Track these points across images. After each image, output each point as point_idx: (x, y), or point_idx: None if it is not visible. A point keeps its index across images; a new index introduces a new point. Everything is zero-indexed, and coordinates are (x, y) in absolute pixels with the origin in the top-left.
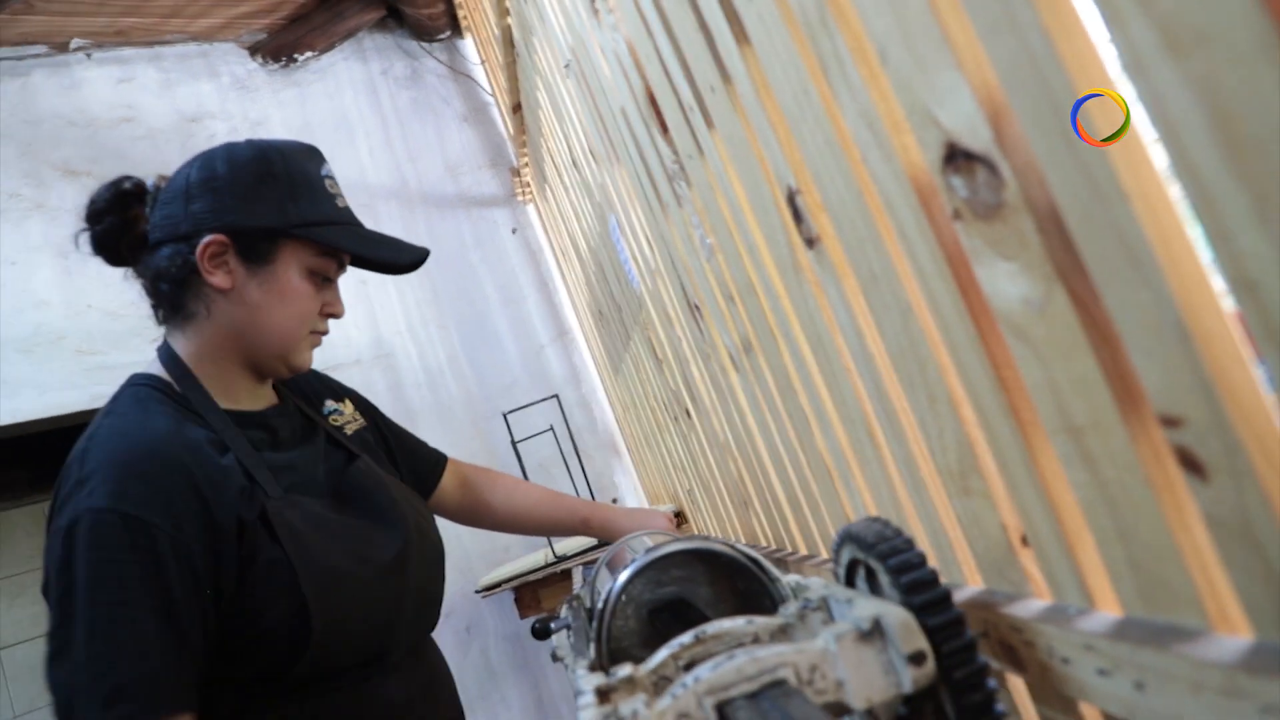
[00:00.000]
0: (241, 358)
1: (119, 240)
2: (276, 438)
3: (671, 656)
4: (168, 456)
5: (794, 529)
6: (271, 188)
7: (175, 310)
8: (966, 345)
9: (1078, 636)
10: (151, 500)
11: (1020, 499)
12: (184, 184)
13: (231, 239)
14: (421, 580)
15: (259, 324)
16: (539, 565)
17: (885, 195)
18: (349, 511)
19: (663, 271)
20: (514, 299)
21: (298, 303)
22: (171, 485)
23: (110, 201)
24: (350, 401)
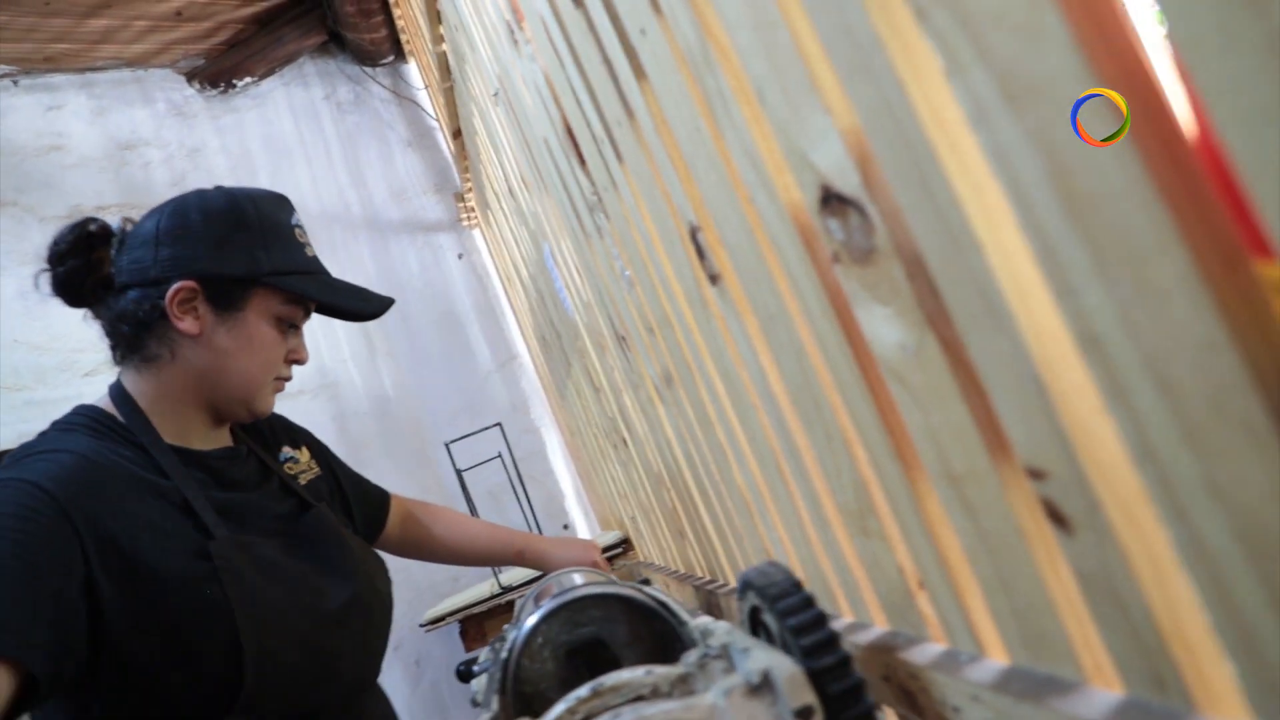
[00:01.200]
0: (202, 400)
1: (82, 282)
2: (222, 478)
3: (568, 711)
4: (98, 465)
5: (723, 561)
6: (244, 236)
7: (133, 351)
8: (853, 387)
9: (966, 686)
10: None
11: (912, 543)
12: (154, 230)
13: (201, 286)
14: (365, 634)
15: (225, 369)
16: (484, 597)
17: (772, 235)
18: (299, 556)
19: (593, 301)
20: (461, 324)
21: (265, 350)
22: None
23: (73, 244)
24: (307, 449)
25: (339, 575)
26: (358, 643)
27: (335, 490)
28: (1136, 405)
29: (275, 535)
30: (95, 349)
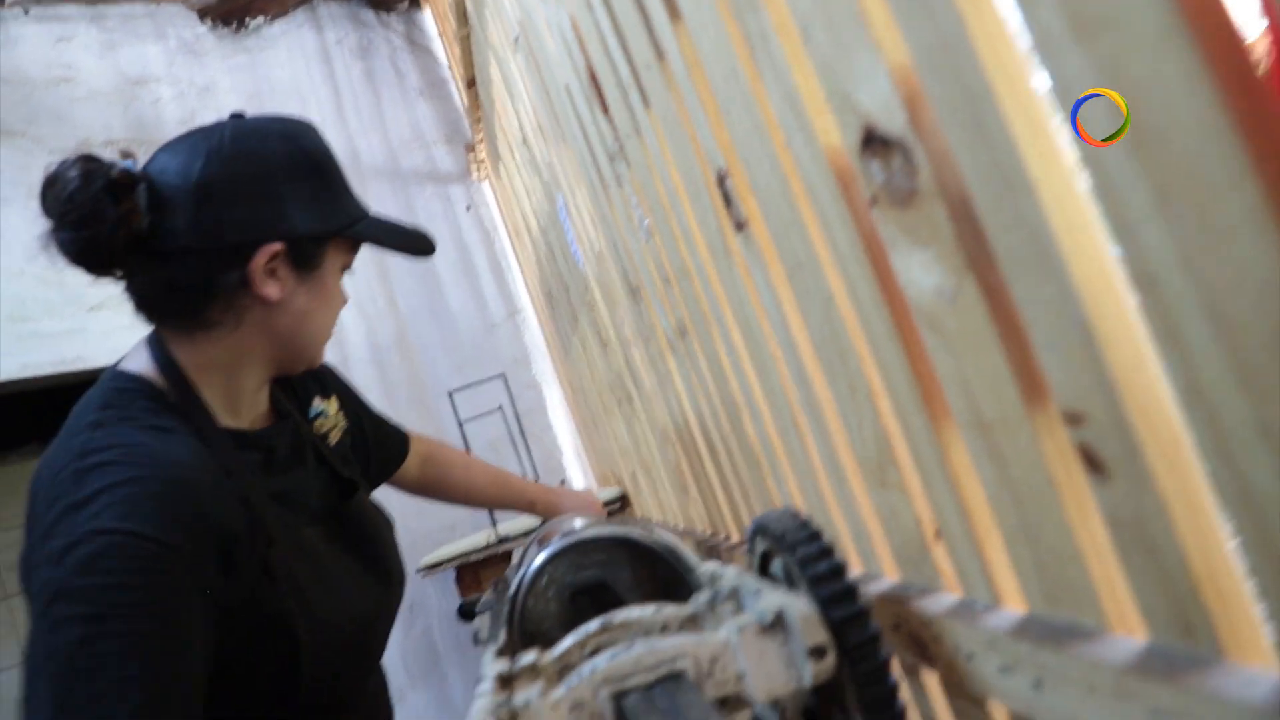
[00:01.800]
0: (263, 365)
1: (110, 245)
2: (273, 458)
3: (578, 644)
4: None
5: (727, 515)
6: (321, 181)
7: (189, 318)
8: (883, 335)
9: (981, 633)
10: (167, 522)
11: (933, 493)
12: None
13: (286, 246)
14: (390, 621)
15: (300, 331)
16: (481, 545)
17: (807, 179)
18: (339, 547)
19: (605, 253)
20: (467, 277)
21: (336, 304)
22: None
23: (94, 200)
24: (335, 398)
25: (374, 571)
26: (385, 631)
27: (359, 440)
28: (1189, 346)
29: (317, 521)
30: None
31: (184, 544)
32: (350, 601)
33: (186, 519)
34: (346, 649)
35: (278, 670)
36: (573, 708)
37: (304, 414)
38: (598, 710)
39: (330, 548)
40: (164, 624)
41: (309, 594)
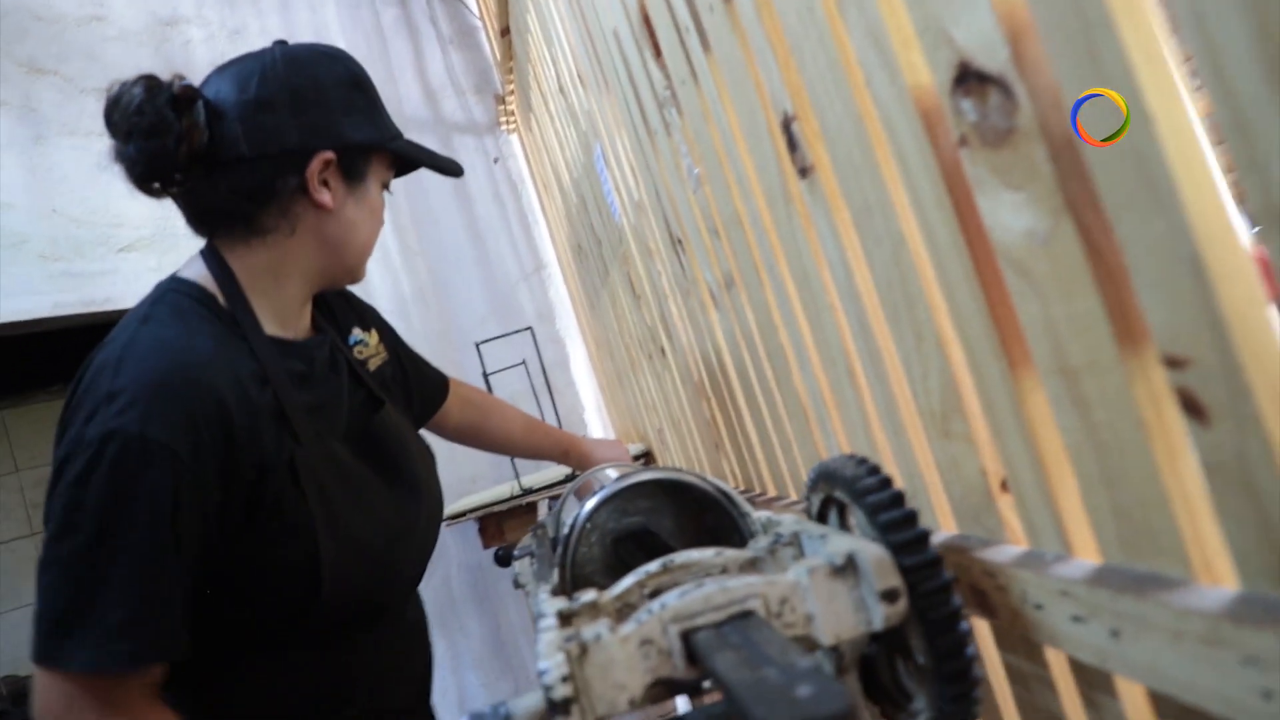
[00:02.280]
0: (313, 274)
1: (173, 158)
2: (312, 371)
3: (637, 584)
4: (205, 386)
5: (764, 470)
6: (366, 101)
7: (244, 225)
8: (960, 281)
9: (1053, 582)
10: (180, 427)
11: (1003, 443)
12: (281, 92)
13: (338, 155)
14: (423, 541)
15: (349, 241)
16: (505, 497)
17: (887, 120)
18: (369, 461)
19: (646, 203)
20: (492, 230)
21: (379, 217)
22: (202, 417)
23: (158, 114)
24: (375, 332)
25: (405, 485)
26: (417, 549)
27: (398, 373)
28: None
29: (348, 437)
30: (132, 225)
31: (196, 453)
32: (375, 517)
33: (206, 425)
34: (371, 564)
35: (299, 579)
36: (642, 643)
37: (343, 340)
38: (667, 646)
39: (358, 464)
40: (164, 534)
41: (334, 504)
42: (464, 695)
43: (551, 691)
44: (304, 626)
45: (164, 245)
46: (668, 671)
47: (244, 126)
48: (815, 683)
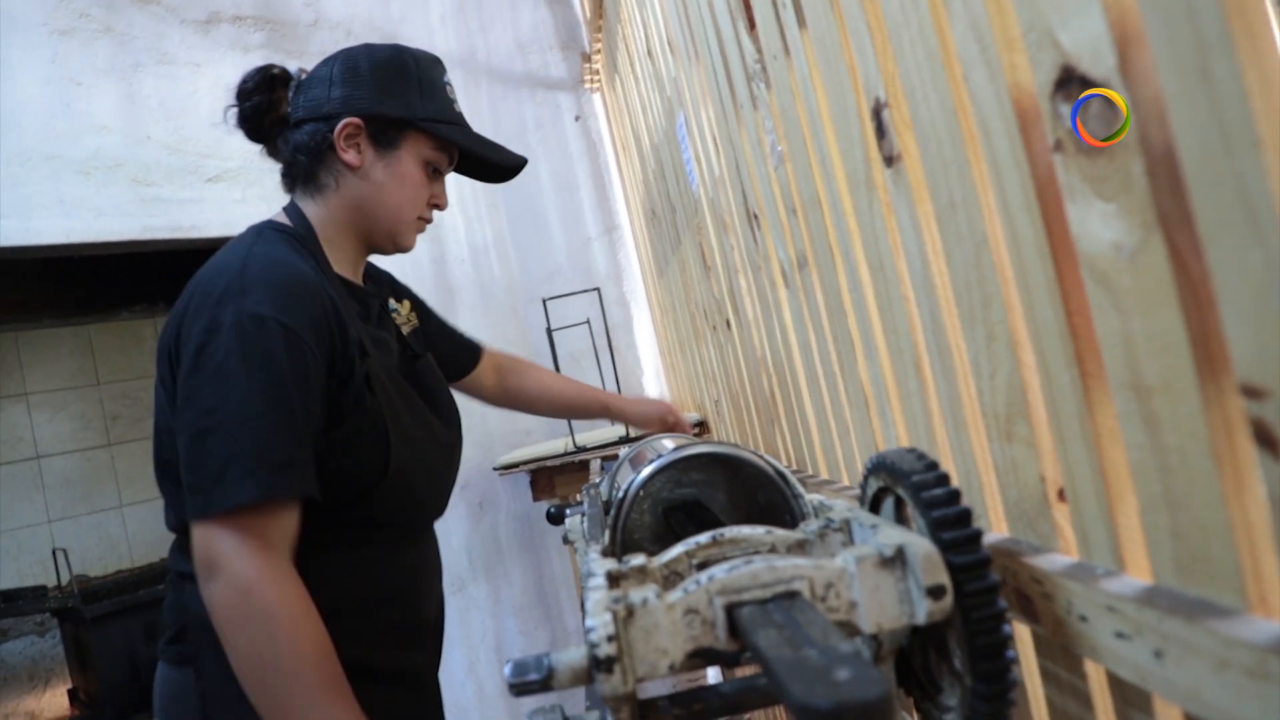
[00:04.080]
0: (358, 231)
1: (263, 117)
2: (367, 313)
3: (686, 554)
4: (317, 291)
5: (819, 452)
6: (404, 84)
7: (308, 181)
8: (1041, 286)
9: (1101, 596)
10: (304, 321)
11: (1066, 452)
12: (328, 74)
13: (365, 123)
14: (453, 471)
15: (378, 201)
16: (558, 452)
17: (982, 117)
18: (416, 392)
19: (725, 177)
20: (568, 187)
21: (412, 188)
22: (318, 314)
23: (258, 84)
24: (408, 302)
25: (442, 417)
26: (449, 477)
27: (425, 338)
28: None
29: (399, 372)
30: (221, 156)
31: (317, 340)
32: (427, 430)
33: (318, 319)
34: (424, 466)
35: (371, 464)
36: (686, 612)
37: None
38: (711, 618)
39: (410, 390)
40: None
41: (398, 411)
42: (501, 639)
43: (597, 649)
44: (366, 518)
45: (249, 179)
46: (709, 642)
47: (303, 99)
48: (854, 667)
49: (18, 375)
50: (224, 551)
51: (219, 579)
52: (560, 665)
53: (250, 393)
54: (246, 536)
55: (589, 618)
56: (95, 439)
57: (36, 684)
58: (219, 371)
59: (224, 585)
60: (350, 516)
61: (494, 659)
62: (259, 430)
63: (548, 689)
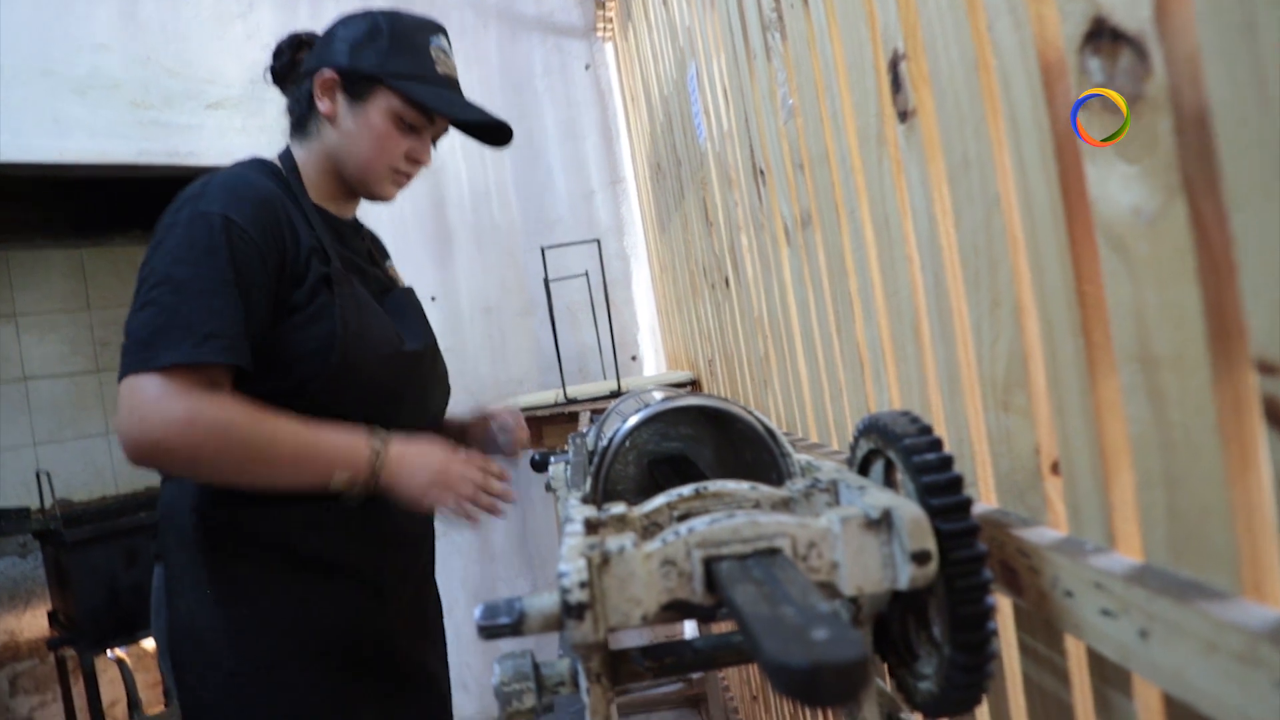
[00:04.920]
0: (334, 173)
1: (286, 74)
2: (344, 241)
3: (667, 505)
4: (270, 199)
5: (809, 415)
6: (376, 44)
7: (298, 127)
8: (1052, 251)
9: (1089, 572)
10: (252, 218)
11: (1064, 424)
12: (329, 34)
13: (339, 77)
14: (424, 390)
15: (347, 149)
16: (548, 403)
17: (1004, 72)
18: (388, 310)
19: (734, 130)
20: (574, 137)
21: (380, 140)
22: (268, 216)
23: (290, 46)
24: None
25: (415, 336)
26: (417, 393)
27: None
28: None
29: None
30: (224, 83)
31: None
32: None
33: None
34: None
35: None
36: (663, 563)
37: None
38: (688, 570)
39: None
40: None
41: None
42: (481, 584)
43: (568, 595)
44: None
45: (251, 107)
46: (685, 595)
47: (308, 57)
48: (832, 628)
49: (7, 295)
50: (149, 397)
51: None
52: (531, 610)
53: (191, 275)
54: (172, 385)
55: (562, 562)
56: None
57: (17, 604)
58: (167, 259)
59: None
60: (306, 406)
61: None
62: (194, 306)
63: (518, 633)
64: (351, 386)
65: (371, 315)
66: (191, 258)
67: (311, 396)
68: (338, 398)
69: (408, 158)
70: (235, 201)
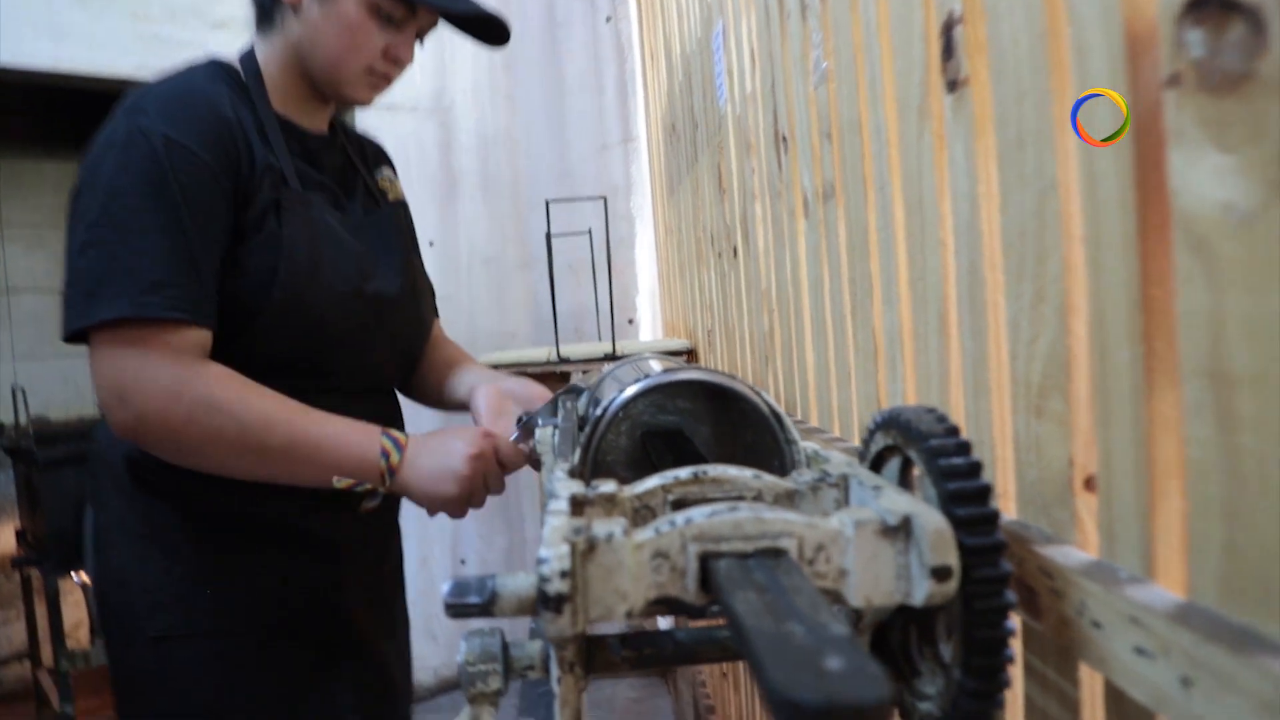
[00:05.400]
0: (301, 74)
1: None
2: (310, 157)
3: (662, 487)
4: (220, 110)
5: (811, 397)
6: None
7: (262, 20)
8: (1116, 246)
9: (1124, 604)
10: (196, 135)
11: (1107, 437)
12: None
13: None
14: (393, 332)
15: (314, 42)
16: (539, 360)
17: (1079, 41)
18: (358, 239)
19: (758, 94)
20: (589, 90)
21: (353, 33)
22: (214, 130)
23: None
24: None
25: (387, 271)
26: (380, 333)
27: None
28: None
29: (349, 219)
30: (230, 1)
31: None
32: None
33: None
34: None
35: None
36: (655, 555)
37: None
38: (682, 566)
39: (347, 236)
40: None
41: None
42: (458, 540)
43: (547, 584)
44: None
45: None
46: (675, 591)
47: None
48: (849, 657)
49: None
50: (130, 371)
51: (135, 400)
52: (505, 591)
53: (134, 209)
54: (151, 351)
55: (544, 546)
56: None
57: None
58: (105, 187)
59: (146, 402)
60: (247, 351)
61: (448, 558)
62: (139, 248)
63: (488, 614)
64: (296, 330)
65: (329, 246)
66: (131, 187)
67: (250, 342)
68: (280, 344)
69: (385, 55)
70: (179, 117)
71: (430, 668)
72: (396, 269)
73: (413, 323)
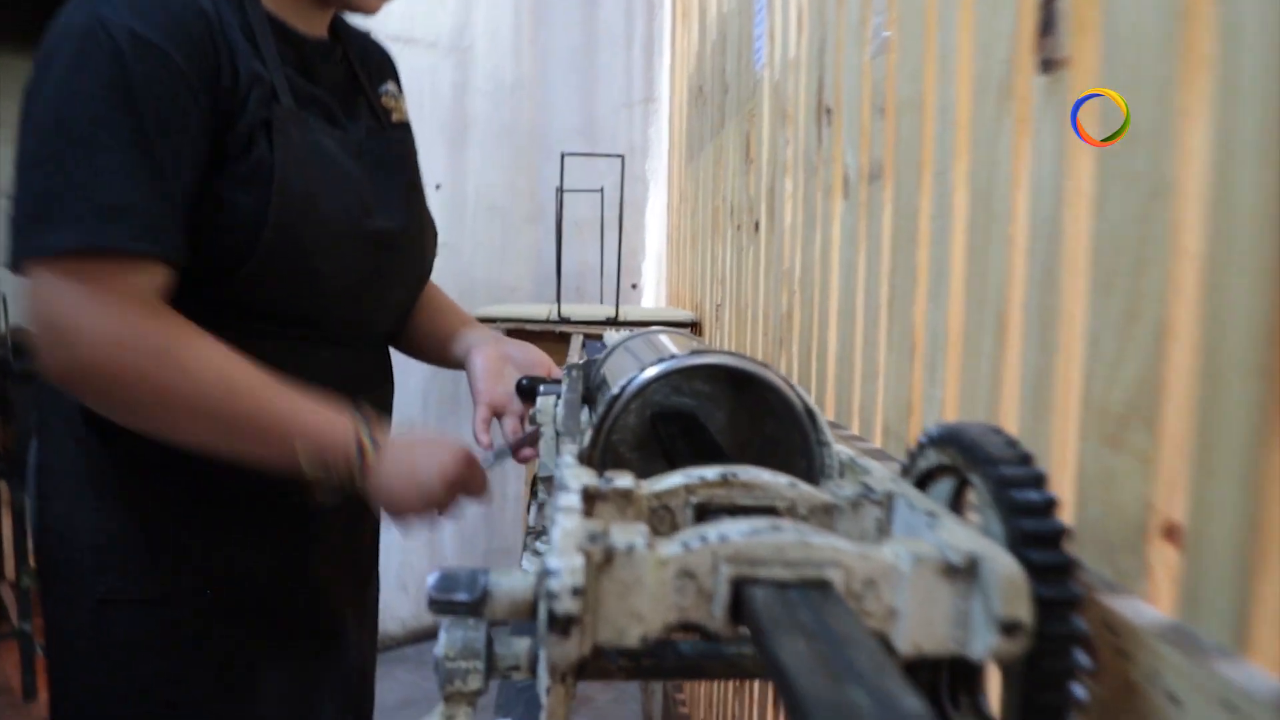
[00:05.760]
0: None
1: None
2: (306, 67)
3: (685, 488)
4: (195, 2)
5: (829, 388)
6: None
7: None
8: (1247, 265)
9: (1213, 681)
10: (171, 36)
11: (1204, 484)
12: None
13: None
14: (391, 275)
15: None
16: (539, 318)
17: (1227, 23)
18: (359, 165)
19: (803, 59)
20: (615, 44)
21: None
22: (191, 30)
23: None
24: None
25: (390, 205)
26: (381, 279)
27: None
28: None
29: (349, 142)
30: None
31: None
32: (346, 197)
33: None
34: (319, 241)
35: (246, 223)
36: (680, 574)
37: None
38: (710, 589)
39: (347, 161)
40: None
41: (299, 168)
42: None
43: (555, 601)
44: (251, 303)
45: None
46: (699, 617)
47: None
48: None
49: None
50: (74, 309)
51: (72, 342)
52: (498, 591)
53: (93, 116)
54: (101, 289)
55: (553, 555)
56: None
57: None
58: (58, 88)
59: (90, 349)
60: (221, 296)
61: None
62: (98, 163)
63: (476, 614)
64: (286, 276)
65: (329, 174)
66: (88, 91)
67: (228, 288)
68: (265, 292)
69: None
70: (148, 8)
71: (399, 618)
72: (400, 203)
73: (416, 264)
